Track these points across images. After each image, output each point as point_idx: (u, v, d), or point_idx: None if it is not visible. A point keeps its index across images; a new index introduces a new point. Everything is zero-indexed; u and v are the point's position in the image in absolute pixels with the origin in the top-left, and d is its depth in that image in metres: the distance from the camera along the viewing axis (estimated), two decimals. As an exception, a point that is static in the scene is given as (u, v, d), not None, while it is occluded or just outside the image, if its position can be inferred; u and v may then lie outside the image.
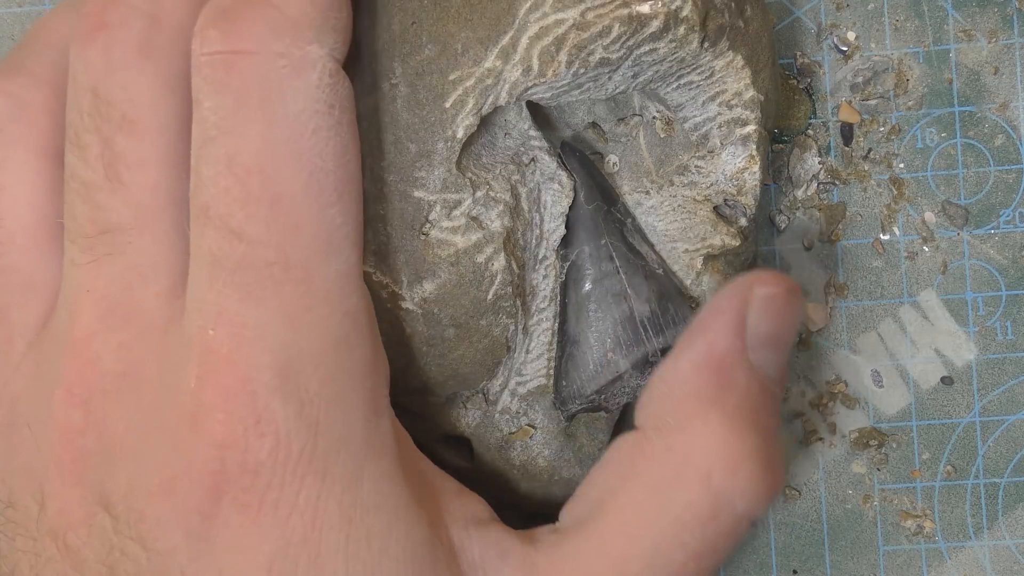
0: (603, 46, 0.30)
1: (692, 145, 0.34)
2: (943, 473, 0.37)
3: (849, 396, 0.37)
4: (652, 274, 0.33)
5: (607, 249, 0.33)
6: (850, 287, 0.37)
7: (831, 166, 0.37)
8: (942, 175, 0.37)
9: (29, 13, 0.38)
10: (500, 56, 0.30)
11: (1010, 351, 0.37)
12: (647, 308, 0.33)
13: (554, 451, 0.33)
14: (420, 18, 0.30)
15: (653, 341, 0.32)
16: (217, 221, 0.26)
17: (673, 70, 0.32)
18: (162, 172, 0.27)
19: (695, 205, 0.34)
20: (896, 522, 0.37)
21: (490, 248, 0.31)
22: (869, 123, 0.37)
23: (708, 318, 0.30)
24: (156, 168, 0.27)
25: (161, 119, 0.27)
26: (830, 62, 0.37)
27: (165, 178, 0.27)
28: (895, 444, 0.37)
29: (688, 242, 0.34)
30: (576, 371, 0.32)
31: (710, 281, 0.34)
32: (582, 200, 0.33)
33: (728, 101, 0.33)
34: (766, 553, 0.37)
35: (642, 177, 0.35)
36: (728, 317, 0.29)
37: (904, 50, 0.37)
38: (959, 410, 0.37)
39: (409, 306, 0.31)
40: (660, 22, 0.30)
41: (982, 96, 0.37)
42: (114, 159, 0.27)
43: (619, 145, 0.35)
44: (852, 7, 0.37)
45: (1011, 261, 0.37)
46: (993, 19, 0.37)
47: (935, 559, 0.37)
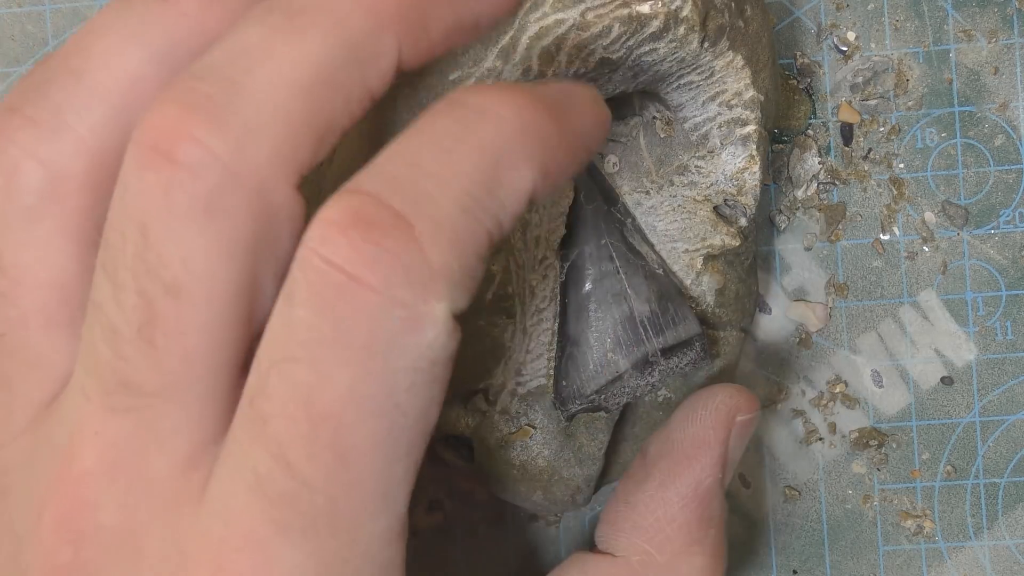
0: (603, 46, 0.30)
1: (692, 145, 0.34)
2: (943, 473, 0.37)
3: (849, 396, 0.37)
4: (652, 274, 0.33)
5: (607, 249, 0.33)
6: (850, 287, 0.37)
7: (831, 166, 0.37)
8: (942, 175, 0.37)
9: (29, 13, 0.38)
10: (500, 56, 0.30)
11: (1010, 351, 0.37)
12: (647, 308, 0.33)
13: (554, 451, 0.33)
14: (420, 18, 0.30)
15: (653, 341, 0.32)
16: (273, 445, 0.23)
17: (673, 70, 0.32)
18: (202, 339, 0.24)
19: (695, 205, 0.34)
20: (896, 522, 0.37)
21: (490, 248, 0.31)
22: (869, 123, 0.37)
23: (693, 450, 0.31)
24: (196, 336, 0.24)
25: (213, 288, 0.24)
26: (830, 62, 0.37)
27: (204, 346, 0.24)
28: (895, 444, 0.37)
29: (688, 242, 0.34)
30: (576, 371, 0.32)
31: (710, 281, 0.34)
32: (582, 200, 0.33)
33: (728, 101, 0.33)
34: (766, 553, 0.37)
35: (642, 177, 0.35)
36: (716, 452, 0.31)
37: (904, 50, 0.37)
38: (959, 410, 0.37)
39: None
40: (660, 22, 0.30)
41: (982, 96, 0.37)
42: (151, 320, 0.24)
43: (619, 145, 0.35)
44: (852, 7, 0.37)
45: (1011, 261, 0.37)
46: (993, 19, 0.37)
47: (935, 559, 0.37)
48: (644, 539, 0.31)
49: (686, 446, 0.32)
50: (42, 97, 0.26)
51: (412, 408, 0.24)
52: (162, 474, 0.24)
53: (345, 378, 0.23)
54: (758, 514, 0.37)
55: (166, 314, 0.24)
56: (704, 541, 0.31)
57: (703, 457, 0.31)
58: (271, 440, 0.23)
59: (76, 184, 0.26)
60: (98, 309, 0.24)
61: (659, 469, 0.31)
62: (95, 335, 0.24)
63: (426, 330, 0.23)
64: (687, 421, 0.32)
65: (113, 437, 0.24)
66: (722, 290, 0.34)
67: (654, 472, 0.32)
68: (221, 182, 0.23)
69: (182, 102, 0.24)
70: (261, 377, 0.24)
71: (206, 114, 0.23)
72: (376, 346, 0.23)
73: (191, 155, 0.23)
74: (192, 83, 0.24)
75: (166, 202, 0.23)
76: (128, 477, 0.24)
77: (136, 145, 0.24)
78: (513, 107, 0.25)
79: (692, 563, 0.31)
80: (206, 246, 0.24)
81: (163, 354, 0.24)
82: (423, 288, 0.23)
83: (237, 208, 0.24)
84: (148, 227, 0.24)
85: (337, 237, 0.23)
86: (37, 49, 0.38)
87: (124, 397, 0.24)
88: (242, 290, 0.24)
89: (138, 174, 0.24)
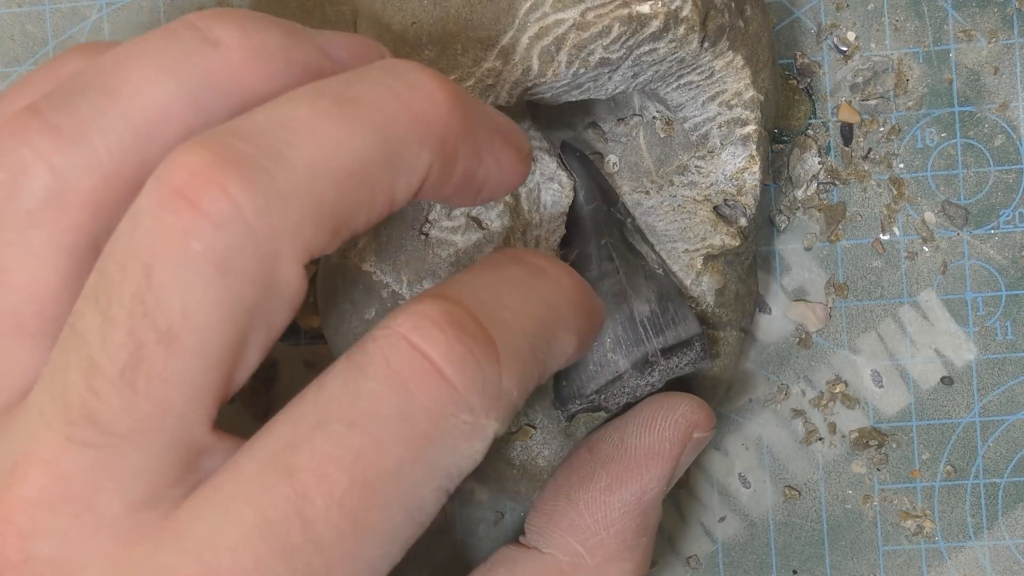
0: (603, 46, 0.30)
1: (692, 145, 0.34)
2: (943, 473, 0.37)
3: (849, 396, 0.37)
4: (652, 274, 0.33)
5: (607, 249, 0.33)
6: (850, 287, 0.37)
7: (831, 166, 0.37)
8: (942, 175, 0.37)
9: (29, 13, 0.38)
10: (500, 56, 0.30)
11: (1010, 351, 0.37)
12: (647, 308, 0.33)
13: (554, 451, 0.33)
14: (420, 18, 0.30)
15: (653, 341, 0.32)
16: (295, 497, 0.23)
17: (673, 70, 0.32)
18: (183, 391, 0.24)
19: (695, 205, 0.34)
20: (896, 522, 0.37)
21: (490, 248, 0.31)
22: (869, 123, 0.37)
23: (646, 459, 0.32)
24: (178, 387, 0.24)
25: (206, 343, 0.23)
26: (830, 62, 0.37)
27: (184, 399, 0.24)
28: (895, 444, 0.37)
29: (688, 242, 0.34)
30: (576, 371, 0.32)
31: (710, 281, 0.34)
32: (582, 200, 0.33)
33: (728, 101, 0.33)
34: (766, 553, 0.37)
35: (642, 177, 0.35)
36: (667, 464, 0.32)
37: (904, 50, 0.37)
38: (959, 410, 0.37)
39: (409, 306, 0.31)
40: (660, 22, 0.30)
41: (982, 96, 0.37)
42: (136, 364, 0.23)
43: (619, 145, 0.35)
44: (852, 7, 0.37)
45: (1011, 261, 0.37)
46: (993, 19, 0.37)
47: (935, 559, 0.37)
48: (579, 540, 0.31)
49: (639, 454, 0.32)
50: (70, 107, 0.25)
51: (430, 508, 0.25)
52: (113, 512, 0.24)
53: (396, 456, 0.24)
54: (758, 514, 0.37)
55: (153, 360, 0.23)
56: (636, 548, 0.31)
57: (654, 468, 0.32)
58: (294, 492, 0.23)
59: (81, 200, 0.25)
60: (78, 337, 0.24)
61: (607, 472, 0.32)
62: (69, 362, 0.24)
63: (477, 442, 0.25)
64: (644, 428, 0.32)
65: (65, 469, 0.24)
66: (722, 290, 0.34)
67: (601, 473, 0.32)
68: (241, 241, 0.23)
69: (218, 153, 0.23)
70: (303, 432, 0.24)
71: (241, 171, 0.23)
72: (435, 437, 0.24)
73: (218, 206, 0.23)
74: (230, 139, 0.24)
75: (179, 247, 0.23)
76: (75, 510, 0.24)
77: (160, 182, 0.23)
78: (569, 277, 0.28)
79: (621, 568, 0.31)
80: (210, 300, 0.23)
81: (141, 399, 0.23)
82: (491, 403, 0.25)
83: (248, 270, 0.23)
84: (153, 268, 0.23)
85: (432, 330, 0.24)
86: (37, 49, 0.38)
87: (87, 431, 0.24)
88: (231, 351, 0.24)
89: (155, 212, 0.23)
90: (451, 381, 0.24)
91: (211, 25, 0.26)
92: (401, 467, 0.24)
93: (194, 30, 0.26)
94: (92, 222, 0.25)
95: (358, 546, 0.24)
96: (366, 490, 0.24)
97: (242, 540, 0.23)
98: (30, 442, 0.24)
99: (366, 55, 0.27)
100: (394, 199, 0.25)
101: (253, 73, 0.25)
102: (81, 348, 0.24)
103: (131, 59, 0.26)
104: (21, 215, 0.25)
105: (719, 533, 0.37)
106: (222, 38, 0.25)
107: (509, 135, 0.27)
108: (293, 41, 0.26)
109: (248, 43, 0.25)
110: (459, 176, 0.26)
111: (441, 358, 0.24)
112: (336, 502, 0.23)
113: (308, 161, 0.24)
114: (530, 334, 0.26)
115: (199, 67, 0.25)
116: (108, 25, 0.38)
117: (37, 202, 0.25)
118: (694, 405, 0.32)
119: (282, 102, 0.24)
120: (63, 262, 0.26)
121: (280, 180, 0.23)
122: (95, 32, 0.38)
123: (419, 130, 0.25)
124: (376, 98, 0.25)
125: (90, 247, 0.26)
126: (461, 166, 0.26)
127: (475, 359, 0.24)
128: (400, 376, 0.24)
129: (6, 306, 0.26)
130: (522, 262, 0.28)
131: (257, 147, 0.24)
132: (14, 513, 0.24)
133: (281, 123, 0.24)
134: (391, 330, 0.24)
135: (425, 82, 0.25)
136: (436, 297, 0.25)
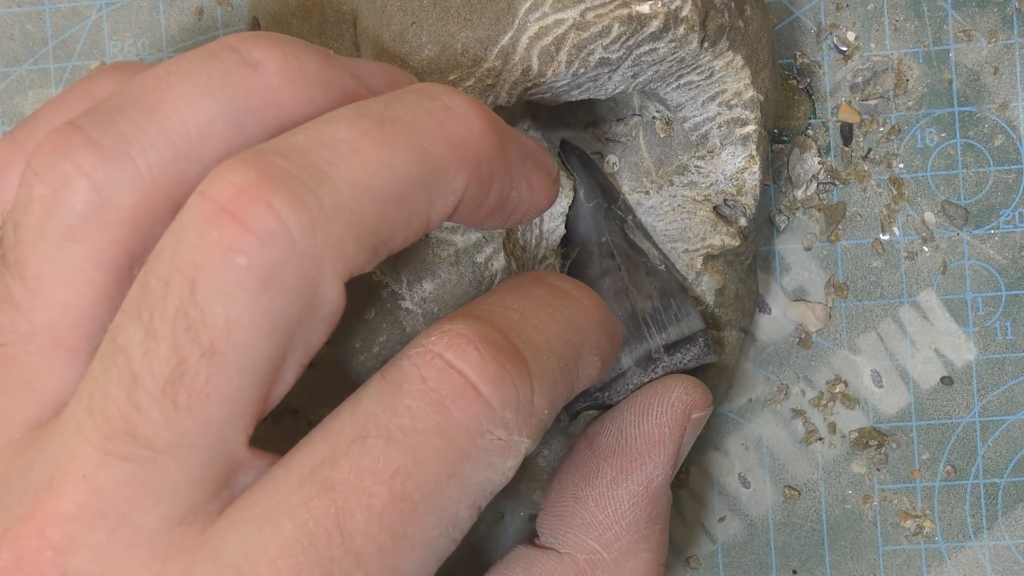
0: (603, 46, 0.30)
1: (692, 145, 0.34)
2: (943, 473, 0.37)
3: (849, 396, 0.37)
4: (654, 270, 0.33)
5: (608, 247, 0.33)
6: (850, 287, 0.37)
7: (831, 166, 0.37)
8: (942, 175, 0.37)
9: (29, 13, 0.38)
10: (500, 56, 0.30)
11: (1010, 351, 0.37)
12: (649, 305, 0.33)
13: (554, 451, 0.33)
14: (420, 18, 0.30)
15: (655, 337, 0.32)
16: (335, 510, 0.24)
17: (673, 70, 0.32)
18: (224, 407, 0.24)
19: (695, 205, 0.34)
20: (896, 522, 0.37)
21: (490, 248, 0.31)
22: (869, 123, 0.37)
23: (647, 447, 0.32)
24: (219, 402, 0.24)
25: (248, 359, 0.23)
26: (830, 62, 0.37)
27: (225, 414, 0.24)
28: (895, 444, 0.37)
29: (688, 242, 0.34)
30: (576, 371, 0.32)
31: (710, 281, 0.34)
32: (582, 198, 0.33)
33: (728, 101, 0.33)
34: (766, 553, 0.37)
35: (642, 177, 0.35)
36: (669, 450, 0.32)
37: (904, 50, 0.37)
38: (959, 410, 0.37)
39: (409, 306, 0.31)
40: (660, 22, 0.30)
41: (982, 96, 0.37)
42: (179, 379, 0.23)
43: (619, 145, 0.35)
44: (852, 7, 0.37)
45: (1011, 261, 0.37)
46: (993, 19, 0.37)
47: (935, 559, 0.37)
48: (592, 536, 0.31)
49: (640, 443, 0.32)
50: (110, 123, 0.25)
51: (464, 524, 0.25)
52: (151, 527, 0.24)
53: (434, 471, 0.24)
54: (758, 514, 0.37)
55: (196, 375, 0.23)
56: (651, 537, 0.31)
57: (656, 455, 0.32)
58: (334, 505, 0.24)
59: (121, 216, 0.25)
60: (119, 351, 0.24)
61: (610, 465, 0.32)
62: (110, 376, 0.24)
63: (510, 458, 0.25)
64: (641, 416, 0.32)
65: (103, 483, 0.24)
66: (722, 290, 0.34)
67: (605, 468, 0.32)
68: (285, 257, 0.23)
69: (262, 170, 0.24)
70: (340, 447, 0.24)
71: (286, 188, 0.23)
72: (471, 453, 0.24)
73: (264, 222, 0.23)
74: (274, 157, 0.24)
75: (224, 263, 0.23)
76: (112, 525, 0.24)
77: (204, 198, 0.24)
78: (591, 299, 0.28)
79: (639, 559, 0.31)
80: (254, 316, 0.23)
81: (182, 414, 0.24)
82: (525, 420, 0.25)
83: (292, 287, 0.24)
84: (198, 282, 0.23)
85: (467, 348, 0.25)
86: (37, 49, 0.38)
87: (127, 446, 0.24)
88: (272, 367, 0.24)
89: (200, 227, 0.23)
90: (487, 398, 0.25)
91: (250, 47, 0.26)
92: (438, 482, 0.24)
93: (233, 51, 0.26)
94: (131, 238, 0.25)
95: (397, 560, 0.24)
96: (405, 504, 0.24)
97: (281, 553, 0.23)
98: (67, 457, 0.24)
99: (396, 82, 0.28)
100: (430, 219, 0.25)
101: (291, 96, 0.26)
102: (122, 362, 0.24)
103: (171, 78, 0.26)
104: (62, 229, 0.25)
105: (719, 533, 0.37)
106: (261, 60, 0.26)
107: (539, 159, 0.28)
108: (329, 65, 0.26)
109: (287, 66, 0.26)
110: (493, 199, 0.26)
111: (477, 375, 0.25)
112: (375, 516, 0.24)
113: (351, 180, 0.24)
114: (559, 354, 0.26)
115: (239, 88, 0.25)
116: (108, 25, 0.38)
117: (78, 217, 0.25)
118: (688, 386, 0.32)
119: (323, 122, 0.25)
120: (101, 277, 0.25)
121: (324, 198, 0.24)
122: (95, 32, 0.38)
123: (457, 152, 0.25)
124: (415, 120, 0.25)
125: (129, 262, 0.26)
126: (495, 189, 0.26)
127: (509, 377, 0.25)
128: (437, 393, 0.24)
129: (43, 319, 0.26)
130: (545, 284, 0.28)
131: (301, 165, 0.24)
132: (50, 528, 0.24)
133: (323, 142, 0.24)
134: (426, 348, 0.25)
135: (461, 105, 0.25)
136: (468, 317, 0.26)
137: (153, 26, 0.38)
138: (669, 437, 0.32)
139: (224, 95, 0.25)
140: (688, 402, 0.32)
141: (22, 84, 0.39)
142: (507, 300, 0.27)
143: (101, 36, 0.38)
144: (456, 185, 0.25)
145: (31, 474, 0.25)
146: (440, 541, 0.25)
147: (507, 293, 0.27)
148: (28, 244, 0.25)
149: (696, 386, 0.32)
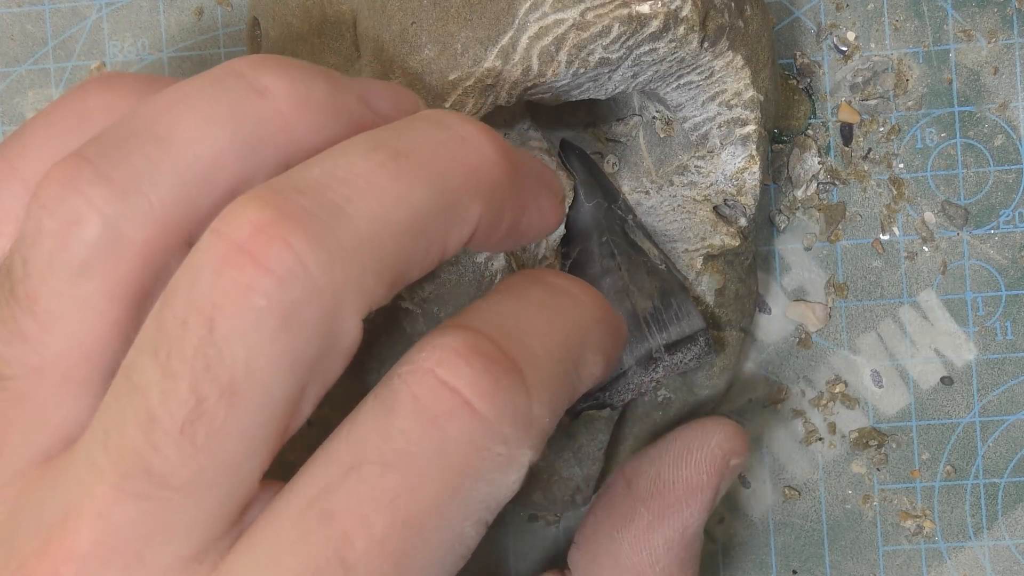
0: (603, 46, 0.30)
1: (692, 145, 0.34)
2: (943, 473, 0.37)
3: (849, 396, 0.37)
4: (654, 270, 0.33)
5: (608, 246, 0.33)
6: (850, 287, 0.37)
7: (831, 166, 0.37)
8: (942, 175, 0.37)
9: (29, 13, 0.38)
10: (500, 56, 0.30)
11: (1010, 351, 0.37)
12: (649, 304, 0.33)
13: (554, 451, 0.33)
14: (420, 18, 0.30)
15: (656, 337, 0.32)
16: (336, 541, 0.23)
17: (673, 70, 0.32)
18: (241, 445, 0.24)
19: (695, 205, 0.34)
20: (896, 522, 0.37)
21: (490, 248, 0.31)
22: (869, 123, 0.37)
23: (685, 493, 0.32)
24: (237, 441, 0.23)
25: (266, 398, 0.23)
26: (830, 62, 0.37)
27: (242, 452, 0.24)
28: (895, 444, 0.37)
29: (688, 242, 0.34)
30: (576, 371, 0.32)
31: (710, 281, 0.34)
32: (582, 198, 0.33)
33: (728, 101, 0.33)
34: (766, 553, 0.37)
35: (642, 177, 0.35)
36: (707, 496, 0.32)
37: (904, 50, 0.37)
38: (959, 410, 0.37)
39: (409, 306, 0.31)
40: (660, 22, 0.30)
41: (982, 96, 0.37)
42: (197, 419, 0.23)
43: (619, 145, 0.35)
44: (852, 7, 0.37)
45: (1011, 261, 0.37)
46: (993, 19, 0.37)
47: (935, 559, 0.37)
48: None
49: (678, 489, 0.32)
50: (121, 156, 0.25)
51: (470, 541, 0.25)
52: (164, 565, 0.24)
53: (433, 493, 0.24)
54: (758, 514, 0.37)
55: (215, 415, 0.23)
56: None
57: (694, 502, 0.32)
58: (334, 536, 0.23)
59: (133, 251, 0.25)
60: (135, 390, 0.24)
61: (648, 509, 0.32)
62: (126, 415, 0.24)
63: (512, 472, 0.25)
64: (681, 461, 0.32)
65: (118, 521, 0.24)
66: (722, 290, 0.34)
67: (643, 511, 0.32)
68: (305, 297, 0.23)
69: (279, 207, 0.23)
70: (336, 476, 0.24)
71: (304, 226, 0.23)
72: (471, 471, 0.24)
73: (283, 263, 0.23)
74: (291, 194, 0.24)
75: (243, 302, 0.23)
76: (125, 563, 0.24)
77: (220, 237, 0.23)
78: (590, 296, 0.27)
79: None
80: (273, 355, 0.23)
81: (200, 453, 0.23)
82: (524, 432, 0.24)
83: (311, 325, 0.23)
84: (216, 323, 0.23)
85: (459, 363, 0.24)
86: (37, 49, 0.38)
87: (143, 484, 0.23)
88: (291, 404, 0.24)
89: (217, 267, 0.23)
90: (482, 414, 0.24)
91: (257, 74, 0.25)
92: (439, 504, 0.24)
93: (239, 78, 0.25)
94: (143, 271, 0.25)
95: None
96: (406, 530, 0.24)
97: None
98: (82, 494, 0.24)
99: (404, 105, 0.27)
100: (446, 250, 0.25)
101: (300, 122, 0.25)
102: (138, 401, 0.24)
103: (179, 106, 0.25)
104: (73, 264, 0.25)
105: (719, 533, 0.37)
106: (269, 87, 0.25)
107: (549, 182, 0.28)
108: (337, 89, 0.26)
109: (295, 93, 0.25)
110: (506, 225, 0.26)
111: (470, 391, 0.24)
112: (376, 544, 0.23)
113: (369, 216, 0.24)
114: (557, 357, 0.26)
115: (248, 117, 0.25)
116: (108, 25, 0.38)
117: (89, 252, 0.25)
118: (729, 432, 0.32)
119: (337, 154, 0.24)
120: (113, 311, 0.25)
121: (343, 236, 0.23)
122: (95, 32, 0.38)
123: (471, 183, 0.25)
124: (430, 151, 0.25)
125: (140, 296, 0.25)
126: (508, 216, 0.26)
127: (504, 389, 0.24)
128: (430, 413, 0.24)
129: (54, 353, 0.25)
130: (542, 283, 0.28)
131: (318, 202, 0.24)
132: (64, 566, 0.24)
133: (339, 177, 0.24)
134: (416, 365, 0.24)
135: (474, 134, 0.25)
136: (459, 328, 0.25)
137: (153, 26, 0.38)
138: (707, 483, 0.32)
139: (233, 124, 0.25)
140: (728, 448, 0.32)
141: (22, 84, 0.39)
142: (501, 305, 0.27)
143: (101, 36, 0.38)
144: (471, 215, 0.25)
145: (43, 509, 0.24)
146: (447, 560, 0.24)
147: (501, 297, 0.27)
148: (38, 278, 0.25)
149: (736, 432, 0.32)
